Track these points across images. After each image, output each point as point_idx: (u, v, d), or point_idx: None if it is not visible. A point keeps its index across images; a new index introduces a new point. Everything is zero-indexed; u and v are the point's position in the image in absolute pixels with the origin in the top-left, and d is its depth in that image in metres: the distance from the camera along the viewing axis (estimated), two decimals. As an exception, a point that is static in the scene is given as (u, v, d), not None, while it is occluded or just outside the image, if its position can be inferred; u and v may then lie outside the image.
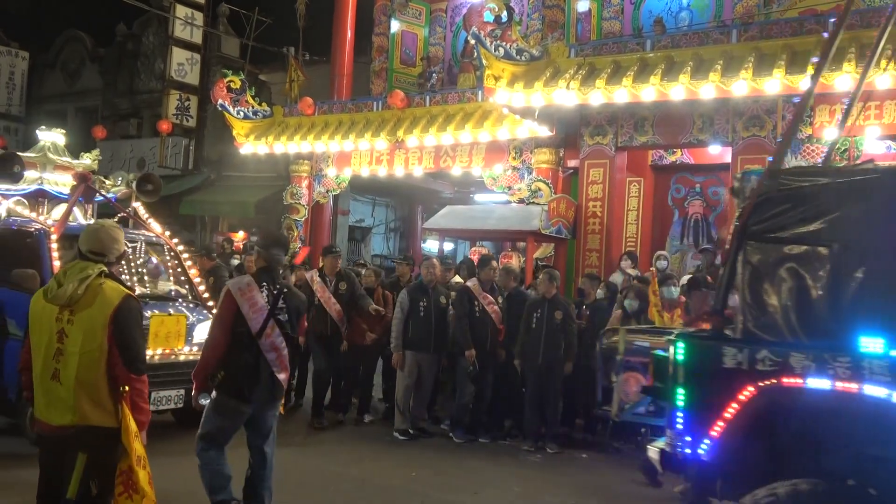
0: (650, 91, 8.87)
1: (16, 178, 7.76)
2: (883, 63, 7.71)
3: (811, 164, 9.16)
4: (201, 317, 7.48)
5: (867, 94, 8.14)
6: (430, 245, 15.64)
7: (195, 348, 6.95)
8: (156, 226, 8.16)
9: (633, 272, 9.52)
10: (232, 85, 13.88)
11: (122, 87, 20.74)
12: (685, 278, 8.68)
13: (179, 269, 8.04)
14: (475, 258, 9.42)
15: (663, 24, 10.91)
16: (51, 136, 8.72)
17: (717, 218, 11.56)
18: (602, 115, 10.45)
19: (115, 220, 7.29)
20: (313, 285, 8.22)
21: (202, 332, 6.97)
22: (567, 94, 9.31)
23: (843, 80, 7.94)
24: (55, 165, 8.39)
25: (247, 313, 4.52)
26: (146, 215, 8.22)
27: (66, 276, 3.44)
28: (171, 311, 7.25)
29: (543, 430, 7.92)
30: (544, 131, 10.79)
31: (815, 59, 7.92)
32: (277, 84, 17.65)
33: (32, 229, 7.26)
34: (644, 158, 11.65)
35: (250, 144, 13.75)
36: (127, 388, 3.41)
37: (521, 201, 11.46)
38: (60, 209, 7.93)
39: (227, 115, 13.90)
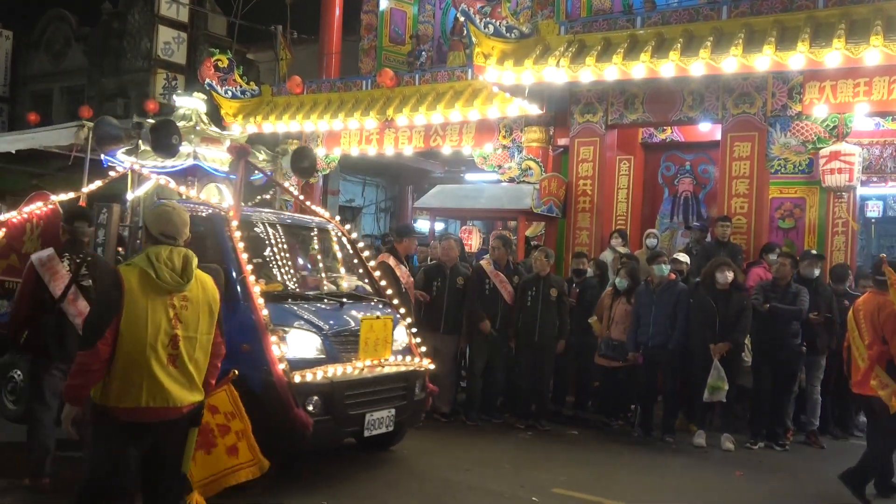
0: (640, 68, 8.84)
1: (173, 150, 6.60)
2: (872, 39, 7.71)
3: (801, 141, 9.19)
4: (396, 318, 6.35)
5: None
6: (422, 225, 15.62)
7: (401, 357, 6.10)
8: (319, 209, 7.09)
9: (623, 250, 9.55)
10: (219, 64, 13.74)
11: (109, 66, 20.53)
12: (678, 255, 8.71)
13: (356, 260, 6.82)
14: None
15: (653, 0, 10.85)
16: (191, 102, 7.57)
17: (707, 196, 11.58)
18: (592, 92, 10.42)
19: (254, 202, 6.75)
20: (396, 270, 7.64)
21: (401, 336, 6.23)
22: (557, 72, 9.27)
23: (833, 56, 7.93)
24: (202, 137, 7.33)
25: (48, 282, 5.14)
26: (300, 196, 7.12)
27: (171, 261, 3.36)
28: (379, 313, 6.08)
29: (534, 407, 7.98)
30: (534, 109, 10.75)
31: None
32: (266, 63, 17.52)
33: (207, 214, 6.10)
34: (634, 136, 11.64)
35: (238, 124, 13.64)
36: (237, 371, 3.95)
37: (511, 180, 11.45)
38: (209, 189, 7.09)
39: (214, 94, 13.77)
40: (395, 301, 6.51)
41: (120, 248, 6.42)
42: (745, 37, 8.49)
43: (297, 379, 5.17)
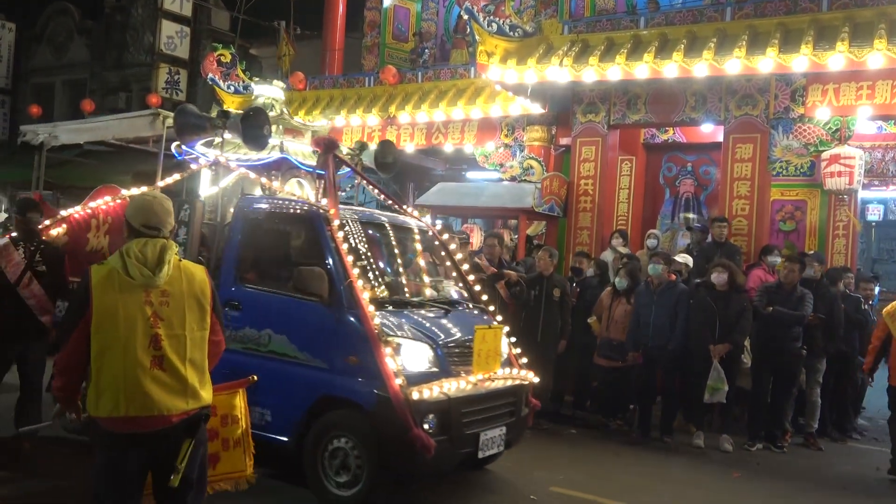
0: (643, 69, 8.84)
1: (263, 142, 6.05)
2: (876, 42, 7.71)
3: (803, 144, 9.19)
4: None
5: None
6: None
7: (507, 370, 5.61)
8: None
9: (623, 250, 9.56)
10: (222, 59, 13.71)
11: (111, 60, 20.50)
12: (678, 256, 8.72)
13: (449, 263, 6.34)
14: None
15: (657, 0, 10.85)
16: (270, 91, 6.91)
17: (708, 197, 11.58)
18: (595, 92, 10.42)
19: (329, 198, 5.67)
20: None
21: (504, 347, 5.74)
22: (560, 72, 9.27)
23: (836, 59, 7.93)
24: (285, 128, 6.72)
25: (4, 268, 5.42)
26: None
27: (143, 254, 3.08)
28: (487, 322, 5.69)
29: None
30: (537, 108, 10.75)
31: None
32: (268, 58, 17.50)
33: (305, 212, 5.56)
34: (636, 137, 11.64)
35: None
36: (255, 377, 3.65)
37: (512, 179, 11.45)
38: (290, 185, 6.55)
39: (217, 89, 13.75)
40: (492, 307, 6.07)
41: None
42: (749, 38, 8.49)
43: (414, 395, 4.69)
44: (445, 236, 6.45)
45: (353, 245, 5.41)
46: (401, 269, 5.82)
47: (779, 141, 9.29)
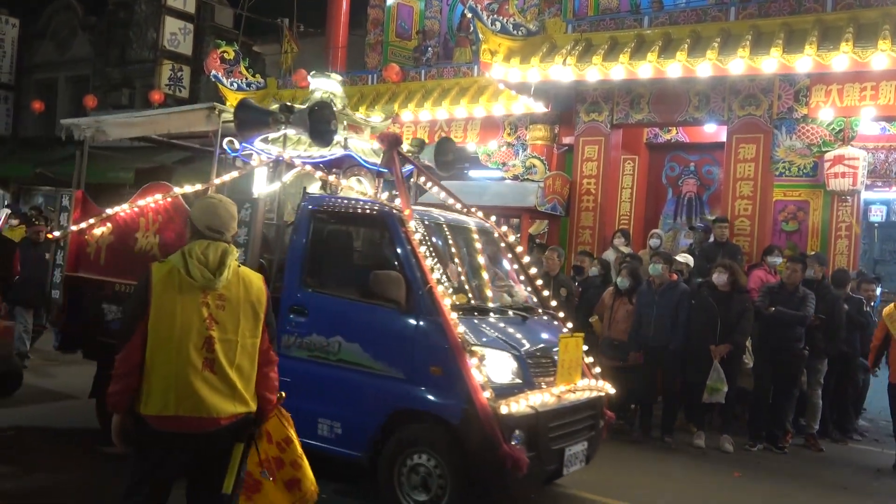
0: (647, 68, 8.84)
1: (329, 138, 5.71)
2: (880, 43, 7.70)
3: (806, 144, 9.18)
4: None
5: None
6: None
7: (589, 381, 5.31)
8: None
9: (625, 250, 9.55)
10: (226, 56, 13.76)
11: (114, 56, 20.50)
12: (678, 256, 8.72)
13: (516, 266, 6.00)
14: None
15: (661, 0, 10.84)
16: (328, 84, 6.51)
17: (711, 197, 11.58)
18: (598, 91, 10.41)
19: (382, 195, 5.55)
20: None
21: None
22: (563, 71, 9.27)
23: (840, 60, 7.92)
24: (347, 124, 6.38)
25: None
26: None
27: (204, 256, 3.05)
28: (566, 330, 5.42)
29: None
30: (540, 107, 10.75)
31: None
32: (272, 56, 17.51)
33: (378, 213, 5.21)
34: (639, 136, 11.63)
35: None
36: (284, 394, 3.40)
37: (515, 178, 11.44)
38: (350, 183, 6.11)
39: (220, 86, 13.79)
40: (562, 314, 5.78)
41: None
42: (753, 38, 8.49)
43: (503, 409, 4.40)
44: (511, 238, 6.15)
45: (428, 248, 5.08)
46: (473, 273, 5.49)
47: (782, 141, 9.28)
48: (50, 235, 6.59)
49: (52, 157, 20.56)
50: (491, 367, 4.60)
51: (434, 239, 5.26)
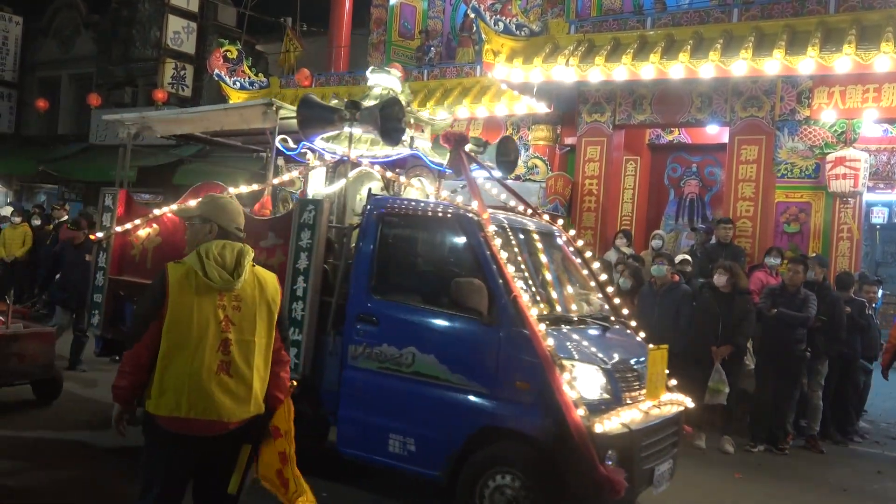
0: (649, 69, 8.84)
1: (399, 136, 5.42)
2: (883, 45, 7.69)
3: (808, 146, 9.18)
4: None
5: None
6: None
7: (670, 395, 5.02)
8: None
9: (627, 250, 9.56)
10: (228, 55, 13.77)
11: (117, 54, 20.53)
12: (679, 257, 8.72)
13: (587, 272, 5.64)
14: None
15: (664, 1, 10.84)
16: (388, 80, 6.18)
17: (713, 198, 11.57)
18: (600, 92, 10.42)
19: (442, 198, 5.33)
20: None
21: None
22: (566, 71, 9.27)
23: (842, 61, 7.92)
24: (412, 122, 6.09)
25: None
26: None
27: (221, 257, 3.03)
28: (647, 342, 5.12)
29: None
30: (542, 108, 10.75)
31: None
32: (274, 55, 17.53)
33: (454, 217, 4.89)
34: (641, 137, 11.63)
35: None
36: (296, 383, 3.39)
37: (517, 178, 11.43)
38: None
39: (223, 85, 13.80)
40: (634, 322, 5.53)
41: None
42: (755, 40, 8.49)
43: (597, 428, 4.13)
44: (580, 242, 5.84)
45: (510, 254, 4.79)
46: (550, 280, 5.14)
47: (784, 143, 9.28)
48: (92, 237, 6.40)
49: (54, 154, 20.61)
50: (581, 383, 4.31)
51: (511, 244, 4.92)
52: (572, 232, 5.94)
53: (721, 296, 7.37)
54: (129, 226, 5.99)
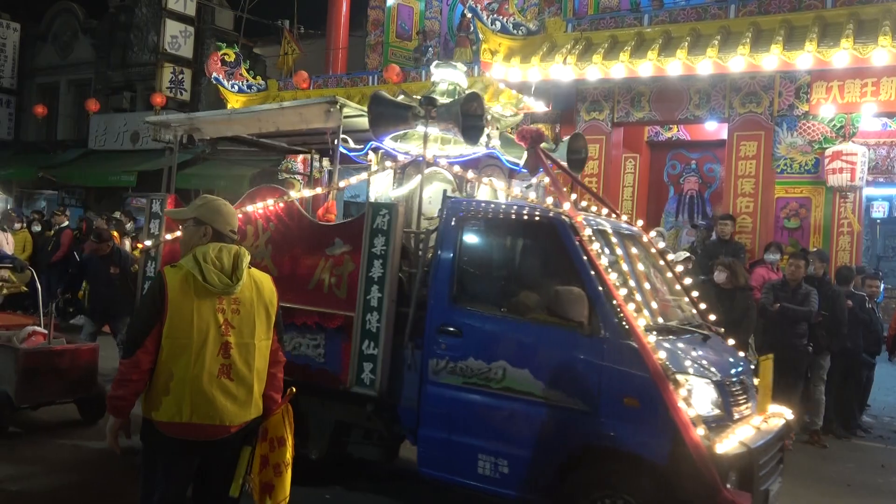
0: (647, 67, 8.84)
1: (480, 134, 5.14)
2: (881, 39, 7.69)
3: (807, 141, 9.17)
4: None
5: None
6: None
7: (773, 408, 4.72)
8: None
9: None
10: (226, 58, 13.77)
11: (115, 59, 20.56)
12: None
13: (669, 275, 5.21)
14: None
15: (661, -2, 10.84)
16: (453, 75, 5.81)
17: (712, 195, 11.57)
18: (598, 90, 10.41)
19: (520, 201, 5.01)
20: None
21: None
22: (564, 70, 9.27)
23: (840, 56, 7.92)
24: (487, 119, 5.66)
25: None
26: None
27: (219, 261, 3.00)
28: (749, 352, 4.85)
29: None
30: (540, 107, 10.74)
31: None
32: (272, 58, 17.53)
33: (546, 220, 4.52)
34: (640, 135, 11.63)
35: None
36: (294, 389, 3.33)
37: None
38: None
39: (221, 88, 13.80)
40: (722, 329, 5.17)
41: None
42: (753, 36, 8.48)
43: (717, 448, 3.76)
44: (662, 244, 5.47)
45: (611, 260, 4.45)
46: (645, 287, 4.75)
47: (783, 138, 9.28)
48: (140, 245, 6.13)
49: (54, 160, 20.63)
50: (695, 398, 3.97)
51: (604, 248, 4.51)
52: (653, 234, 5.56)
53: (721, 292, 7.36)
54: (178, 233, 5.58)
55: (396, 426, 4.81)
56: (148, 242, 5.87)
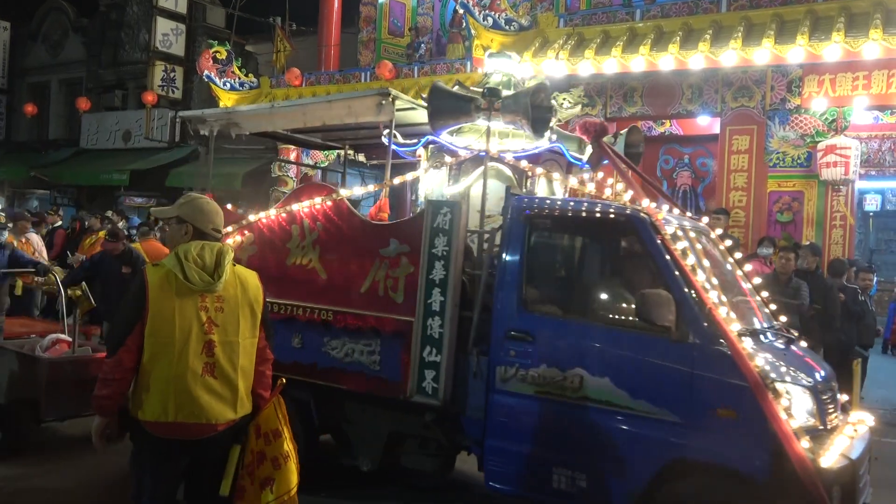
0: (639, 61, 8.84)
1: (546, 127, 4.89)
2: (872, 32, 7.70)
3: (800, 135, 9.19)
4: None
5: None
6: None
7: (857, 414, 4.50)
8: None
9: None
10: (218, 56, 13.73)
11: (107, 58, 20.47)
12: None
13: (740, 275, 4.86)
14: None
15: (653, -7, 10.85)
16: (508, 65, 5.58)
17: (706, 189, 11.59)
18: (591, 85, 10.40)
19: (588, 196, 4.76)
20: None
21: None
22: (556, 65, 9.26)
23: (831, 49, 7.93)
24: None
25: None
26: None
27: (201, 258, 2.98)
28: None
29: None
30: (533, 102, 10.73)
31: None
32: (264, 55, 17.47)
33: (621, 217, 4.27)
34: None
35: (237, 116, 13.60)
36: (284, 380, 3.29)
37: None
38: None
39: (213, 86, 13.77)
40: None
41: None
42: (745, 30, 8.49)
43: (822, 462, 3.55)
44: (729, 242, 5.13)
45: (697, 260, 4.15)
46: (727, 288, 4.43)
47: (775, 132, 9.29)
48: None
49: (45, 160, 20.55)
50: (794, 408, 3.74)
51: (687, 249, 4.19)
52: (719, 231, 5.23)
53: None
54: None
55: (458, 436, 4.57)
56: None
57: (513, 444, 4.23)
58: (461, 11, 10.07)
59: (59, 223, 12.47)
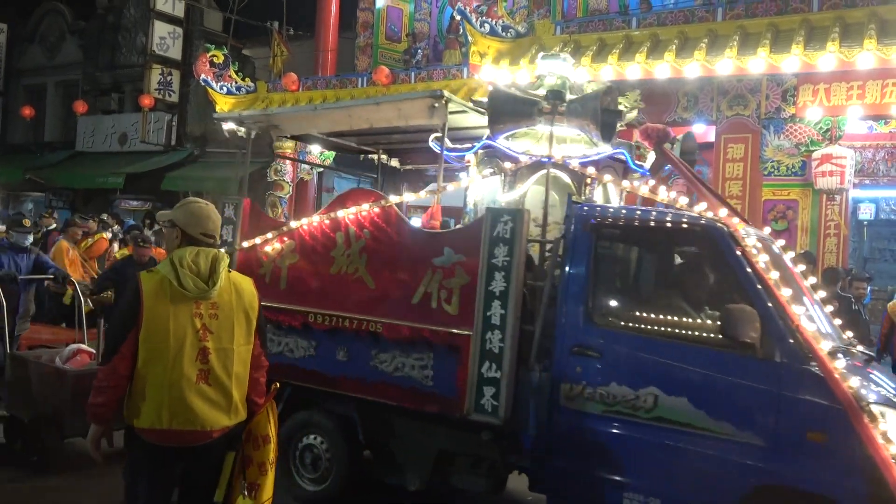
0: (635, 69, 8.87)
1: (613, 131, 4.69)
2: (866, 42, 7.75)
3: (794, 144, 9.23)
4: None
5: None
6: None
7: None
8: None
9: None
10: (215, 59, 13.72)
11: (103, 60, 20.44)
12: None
13: (805, 285, 4.63)
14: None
15: (649, 1, 10.89)
16: (562, 67, 5.29)
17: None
18: (587, 92, 10.44)
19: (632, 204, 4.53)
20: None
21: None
22: (552, 72, 9.29)
23: (826, 59, 7.97)
24: None
25: None
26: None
27: (196, 265, 2.96)
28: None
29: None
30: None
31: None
32: (261, 59, 17.47)
33: (697, 227, 4.10)
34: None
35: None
36: (278, 384, 3.27)
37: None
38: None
39: (209, 90, 13.76)
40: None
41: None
42: (740, 39, 8.53)
43: None
44: (791, 254, 4.88)
45: (780, 273, 3.97)
46: (804, 302, 4.24)
47: (770, 141, 9.33)
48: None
49: (41, 162, 20.49)
50: (891, 432, 3.52)
51: (768, 261, 3.99)
52: (781, 242, 4.97)
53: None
54: (257, 240, 5.08)
55: (514, 456, 4.37)
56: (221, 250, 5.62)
57: (579, 465, 4.06)
58: (458, 18, 10.09)
59: (54, 226, 12.43)
